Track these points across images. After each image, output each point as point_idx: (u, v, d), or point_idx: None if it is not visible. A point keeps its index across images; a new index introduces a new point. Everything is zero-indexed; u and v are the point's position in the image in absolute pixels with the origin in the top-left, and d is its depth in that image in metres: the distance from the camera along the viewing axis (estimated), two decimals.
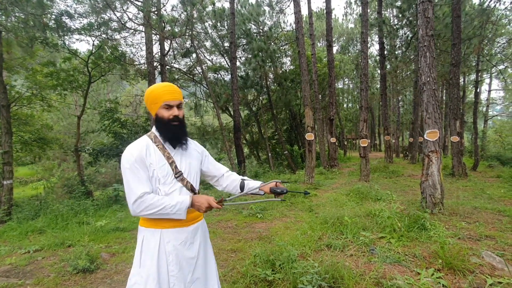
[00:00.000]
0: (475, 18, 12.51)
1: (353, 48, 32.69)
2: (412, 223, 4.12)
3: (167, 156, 1.52)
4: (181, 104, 1.57)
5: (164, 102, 1.50)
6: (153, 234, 1.49)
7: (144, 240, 1.50)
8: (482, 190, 7.47)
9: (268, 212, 5.63)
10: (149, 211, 1.41)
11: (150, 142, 1.53)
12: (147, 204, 1.40)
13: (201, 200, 1.48)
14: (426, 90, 5.31)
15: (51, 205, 6.71)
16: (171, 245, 1.49)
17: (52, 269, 3.40)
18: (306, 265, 2.84)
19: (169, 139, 1.54)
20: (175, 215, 1.44)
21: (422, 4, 5.42)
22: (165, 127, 1.52)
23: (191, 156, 1.65)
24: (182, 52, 13.85)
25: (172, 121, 1.51)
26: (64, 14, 9.73)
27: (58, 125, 21.46)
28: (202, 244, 1.63)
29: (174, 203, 1.43)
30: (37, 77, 11.33)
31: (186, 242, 1.54)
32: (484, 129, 23.88)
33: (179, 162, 1.56)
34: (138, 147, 1.48)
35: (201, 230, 1.65)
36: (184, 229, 1.54)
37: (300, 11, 9.67)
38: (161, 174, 1.48)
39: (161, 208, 1.41)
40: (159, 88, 1.53)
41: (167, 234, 1.49)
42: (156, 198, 1.42)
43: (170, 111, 1.51)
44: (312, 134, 9.11)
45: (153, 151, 1.50)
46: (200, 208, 1.47)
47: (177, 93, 1.54)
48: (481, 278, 2.73)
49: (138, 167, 1.43)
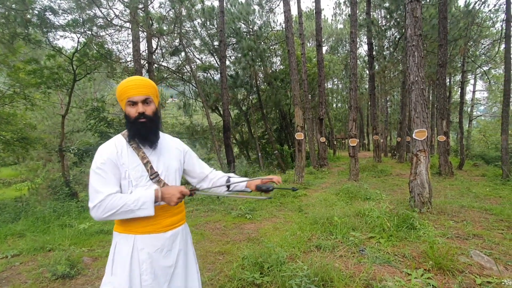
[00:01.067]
0: (461, 19, 12.76)
1: (343, 48, 32.97)
2: (401, 222, 4.11)
3: (141, 156, 1.41)
4: (149, 99, 1.42)
5: (127, 99, 1.38)
6: (127, 240, 1.38)
7: (116, 247, 1.39)
8: (468, 188, 7.58)
9: (258, 213, 5.56)
10: (110, 211, 1.28)
11: (123, 142, 1.42)
12: (107, 204, 1.28)
13: (170, 191, 1.36)
14: (415, 90, 5.32)
15: (32, 207, 6.46)
16: (145, 253, 1.37)
17: (29, 275, 3.24)
18: (295, 267, 2.78)
19: (135, 137, 1.41)
20: (141, 211, 1.31)
21: (411, 3, 5.44)
22: (131, 125, 1.40)
23: (171, 155, 1.53)
24: (171, 51, 13.62)
25: (137, 118, 1.38)
26: (47, 9, 9.43)
27: (43, 124, 20.86)
28: (182, 251, 1.51)
29: (136, 197, 1.31)
30: (20, 74, 10.95)
31: (163, 249, 1.42)
32: (469, 128, 24.45)
33: (156, 162, 1.44)
34: (109, 147, 1.38)
35: (182, 236, 1.53)
36: (160, 235, 1.42)
37: (289, 10, 9.63)
38: (134, 175, 1.37)
39: (123, 205, 1.29)
40: (124, 84, 1.41)
41: (142, 241, 1.38)
42: (117, 196, 1.30)
43: (135, 108, 1.39)
44: (301, 134, 9.08)
45: (126, 151, 1.40)
46: (170, 199, 1.34)
47: (142, 87, 1.40)
48: (470, 278, 2.72)
49: (107, 169, 1.33)
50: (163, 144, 1.52)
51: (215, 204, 6.41)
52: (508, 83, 9.43)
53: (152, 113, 1.43)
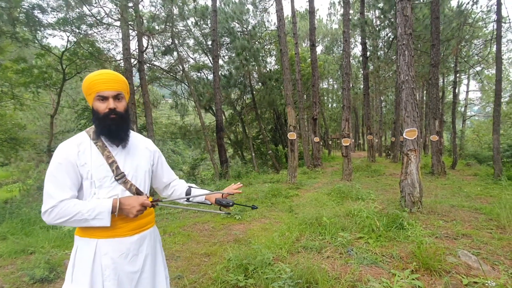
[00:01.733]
0: (453, 20, 12.82)
1: (337, 48, 33.03)
2: (391, 222, 4.07)
3: (106, 156, 1.32)
4: (121, 95, 1.34)
5: (97, 93, 1.30)
6: (88, 244, 1.29)
7: (77, 252, 1.31)
8: (459, 188, 7.58)
9: (247, 213, 5.48)
10: (62, 218, 1.21)
11: (86, 139, 1.33)
12: (59, 211, 1.20)
13: (131, 202, 1.27)
14: (405, 89, 5.29)
15: (18, 209, 6.32)
16: (108, 258, 1.29)
17: (7, 279, 3.13)
18: (280, 269, 2.71)
19: (104, 135, 1.33)
20: (96, 221, 1.23)
21: (401, 2, 5.41)
22: (100, 122, 1.31)
23: (140, 155, 1.45)
24: (162, 50, 13.49)
25: (107, 114, 1.30)
26: (35, 7, 9.26)
27: (34, 124, 20.58)
28: (150, 256, 1.42)
29: (92, 206, 1.23)
30: (8, 74, 10.76)
31: (128, 254, 1.33)
32: (463, 128, 24.64)
33: (123, 162, 1.36)
34: (68, 146, 1.28)
35: (149, 240, 1.44)
36: (125, 239, 1.33)
37: (282, 9, 9.58)
38: (97, 176, 1.28)
39: (76, 213, 1.21)
40: (93, 77, 1.31)
41: (104, 245, 1.29)
42: (72, 203, 1.22)
43: (105, 104, 1.30)
44: (294, 134, 9.03)
45: (88, 150, 1.30)
46: (130, 212, 1.26)
47: (113, 82, 1.31)
48: (457, 278, 2.67)
49: (63, 170, 1.24)
50: (133, 143, 1.44)
51: (204, 205, 6.31)
52: (499, 83, 9.47)
53: (124, 110, 1.35)
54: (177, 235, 4.36)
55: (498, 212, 4.54)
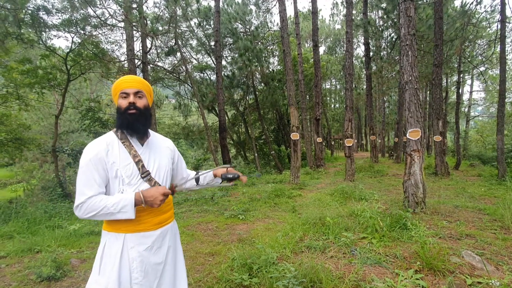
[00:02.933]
0: (457, 20, 12.76)
1: (340, 49, 32.97)
2: (394, 222, 4.08)
3: (133, 154, 1.41)
4: (142, 93, 1.45)
5: (120, 91, 1.42)
6: (116, 238, 1.38)
7: (106, 245, 1.40)
8: (463, 188, 7.56)
9: (251, 213, 5.51)
10: (91, 213, 1.30)
11: (114, 139, 1.42)
12: (88, 206, 1.30)
13: (153, 193, 1.35)
14: (408, 89, 5.30)
15: (23, 209, 6.39)
16: (135, 251, 1.38)
17: (14, 277, 3.17)
18: (284, 268, 2.73)
19: (123, 128, 1.42)
20: (121, 214, 1.32)
21: (404, 3, 5.41)
22: (121, 116, 1.42)
23: (162, 154, 1.55)
24: (166, 51, 13.55)
25: (127, 109, 1.40)
26: (41, 9, 9.35)
27: (38, 125, 20.74)
28: (171, 248, 1.54)
29: (116, 200, 1.31)
30: (13, 74, 10.86)
31: (153, 247, 1.43)
32: (466, 129, 24.50)
33: (147, 161, 1.45)
34: (97, 145, 1.37)
35: (171, 233, 1.55)
36: (150, 233, 1.43)
37: (285, 10, 9.60)
38: (126, 174, 1.38)
39: (102, 208, 1.30)
40: (119, 80, 1.47)
41: (131, 239, 1.39)
42: (98, 198, 1.31)
43: (126, 100, 1.42)
44: (297, 134, 9.04)
45: (116, 149, 1.40)
46: (153, 202, 1.34)
47: (135, 82, 1.44)
48: (460, 279, 2.68)
49: (93, 168, 1.33)
50: (154, 142, 1.54)
51: (208, 205, 6.36)
52: (504, 83, 9.43)
53: (143, 106, 1.45)
54: (181, 234, 4.34)
55: (502, 212, 4.52)
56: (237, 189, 8.45)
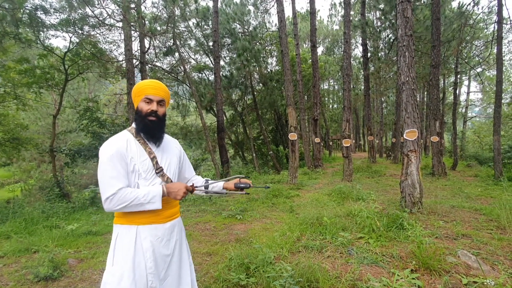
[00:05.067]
0: (454, 21, 12.84)
1: (338, 49, 33.05)
2: (391, 222, 4.10)
3: (148, 151, 1.51)
4: (163, 102, 1.56)
5: (145, 96, 1.51)
6: (129, 230, 1.45)
7: (118, 237, 1.46)
8: (460, 189, 7.60)
9: (248, 213, 5.52)
10: (122, 204, 1.37)
11: (131, 137, 1.51)
12: (119, 198, 1.37)
13: (177, 186, 1.48)
14: (405, 90, 5.33)
15: (20, 209, 6.37)
16: (148, 241, 1.46)
17: (11, 277, 3.17)
18: (281, 268, 2.74)
19: (143, 132, 1.52)
20: (150, 205, 1.41)
21: (402, 4, 5.44)
22: (141, 120, 1.51)
23: (172, 152, 1.66)
24: (164, 51, 13.54)
25: (149, 115, 1.50)
26: (38, 8, 9.33)
27: (36, 124, 20.66)
28: (178, 241, 1.62)
29: (146, 191, 1.41)
30: (11, 74, 10.82)
31: (163, 239, 1.52)
32: (463, 129, 24.61)
33: (160, 158, 1.56)
34: (118, 141, 1.46)
35: (178, 227, 1.65)
36: (161, 226, 1.52)
37: (283, 11, 9.63)
38: (142, 168, 1.47)
39: (134, 199, 1.38)
40: (145, 83, 1.54)
41: (144, 230, 1.46)
42: (128, 190, 1.39)
43: (149, 105, 1.51)
44: (295, 134, 9.06)
45: (134, 146, 1.49)
46: (177, 194, 1.46)
47: (161, 90, 1.54)
48: (456, 278, 2.70)
49: (117, 162, 1.41)
50: (165, 142, 1.64)
51: (206, 205, 6.36)
52: (500, 84, 9.50)
53: (163, 115, 1.57)
54: None
55: (498, 213, 4.56)
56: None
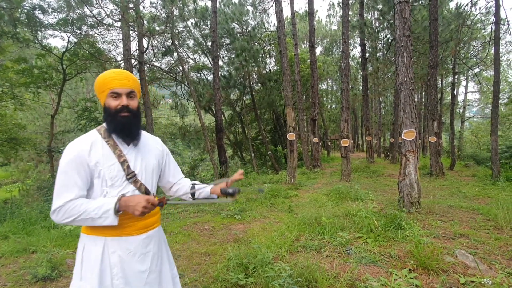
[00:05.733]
0: (452, 21, 12.89)
1: (337, 50, 33.10)
2: (389, 222, 4.11)
3: (118, 154, 1.32)
4: (133, 93, 1.36)
5: (110, 90, 1.31)
6: (96, 242, 1.30)
7: (84, 249, 1.31)
8: (458, 189, 7.64)
9: (247, 213, 5.52)
10: (70, 218, 1.21)
11: (98, 138, 1.33)
12: (66, 211, 1.21)
13: (136, 199, 1.24)
14: (403, 90, 5.35)
15: (18, 209, 6.34)
16: (116, 256, 1.29)
17: (9, 277, 3.16)
18: (280, 268, 2.75)
19: (116, 132, 1.34)
20: (102, 220, 1.22)
21: (400, 4, 5.46)
22: (112, 119, 1.32)
23: (150, 154, 1.46)
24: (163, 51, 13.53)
25: (119, 111, 1.31)
26: (36, 8, 9.30)
27: (34, 124, 20.59)
28: (156, 255, 1.43)
29: (98, 205, 1.22)
30: (8, 74, 10.78)
31: (136, 253, 1.34)
32: (461, 130, 24.71)
33: (133, 161, 1.36)
34: (79, 144, 1.28)
35: (156, 239, 1.45)
36: (133, 238, 1.34)
37: (281, 11, 9.64)
38: (109, 175, 1.29)
39: (83, 212, 1.21)
40: (108, 74, 1.34)
41: (112, 243, 1.30)
42: (78, 202, 1.22)
43: (117, 101, 1.32)
44: (293, 134, 9.07)
45: (100, 148, 1.30)
46: (135, 209, 1.23)
47: (127, 80, 1.34)
48: (454, 277, 2.72)
49: (73, 169, 1.24)
50: (143, 141, 1.45)
51: (205, 205, 6.36)
52: (497, 84, 9.54)
53: (136, 108, 1.37)
54: (177, 234, 4.39)
55: (496, 212, 4.58)
56: None
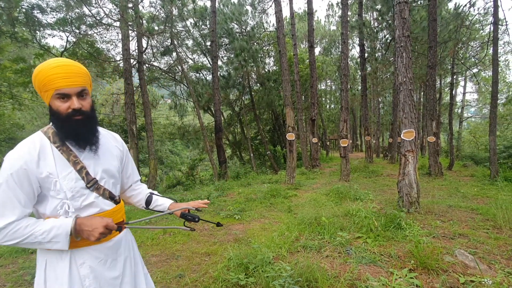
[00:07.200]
0: (451, 22, 12.93)
1: (336, 50, 33.16)
2: (389, 222, 4.12)
3: (73, 161, 1.14)
4: (85, 91, 1.15)
5: (56, 91, 1.09)
6: (61, 256, 1.15)
7: (47, 266, 1.16)
8: (456, 189, 7.66)
9: (247, 213, 5.53)
10: (13, 241, 1.06)
11: (46, 143, 1.14)
12: (8, 233, 1.05)
13: (93, 223, 1.11)
14: (403, 90, 5.36)
15: None
16: (86, 267, 1.18)
17: (9, 278, 3.15)
18: (280, 268, 2.75)
19: (69, 139, 1.15)
20: (51, 245, 1.08)
21: (399, 5, 5.47)
22: (63, 124, 1.13)
23: (110, 155, 1.30)
24: (162, 51, 13.51)
25: (71, 115, 1.11)
26: (35, 7, 9.26)
27: (32, 124, 20.51)
28: (128, 259, 1.35)
29: (47, 228, 1.07)
30: (7, 73, 10.74)
31: (107, 260, 1.24)
32: (459, 130, 24.79)
33: (92, 166, 1.20)
34: (23, 153, 1.08)
35: (125, 242, 1.35)
36: (101, 246, 1.22)
37: (281, 11, 9.64)
38: (67, 186, 1.12)
39: (28, 236, 1.06)
40: (49, 70, 1.09)
41: (80, 254, 1.18)
42: (23, 224, 1.06)
43: (67, 103, 1.11)
44: (293, 134, 9.08)
45: (51, 156, 1.12)
46: (91, 234, 1.10)
47: (75, 77, 1.11)
48: (454, 277, 2.72)
49: (15, 185, 1.06)
50: (101, 141, 1.27)
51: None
52: (496, 84, 9.57)
53: (90, 109, 1.18)
54: (177, 234, 4.39)
55: (495, 212, 4.60)
56: (233, 190, 8.46)
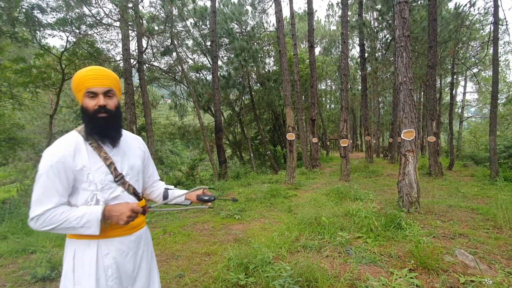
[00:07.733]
0: (451, 22, 12.92)
1: (336, 50, 33.15)
2: (389, 222, 4.12)
3: (104, 157, 1.28)
4: (112, 92, 1.30)
5: (86, 90, 1.25)
6: (88, 245, 1.27)
7: (76, 254, 1.27)
8: (456, 188, 7.65)
9: (247, 213, 5.52)
10: (50, 226, 1.17)
11: (80, 140, 1.27)
12: (46, 220, 1.17)
13: (120, 208, 1.23)
14: (403, 90, 5.35)
15: (17, 209, 6.32)
16: (110, 258, 1.29)
17: (9, 278, 3.15)
18: (280, 268, 2.75)
19: (95, 134, 1.28)
20: (84, 230, 1.20)
21: (399, 4, 5.47)
22: (90, 120, 1.26)
23: (134, 154, 1.44)
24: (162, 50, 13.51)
25: (97, 112, 1.25)
26: (35, 7, 9.26)
27: (32, 124, 20.52)
28: (145, 253, 1.46)
29: (80, 214, 1.19)
30: (7, 73, 10.73)
31: (128, 253, 1.35)
32: (460, 130, 24.78)
33: (120, 163, 1.33)
34: (61, 149, 1.21)
35: (145, 238, 1.47)
36: (125, 238, 1.34)
37: (281, 11, 9.64)
38: (98, 178, 1.25)
39: (63, 221, 1.18)
40: (84, 73, 1.26)
41: (106, 245, 1.29)
42: (59, 211, 1.18)
43: (94, 100, 1.26)
44: (293, 134, 9.08)
45: (84, 151, 1.26)
46: (119, 218, 1.22)
47: (104, 78, 1.27)
48: (454, 277, 2.72)
49: (53, 175, 1.18)
50: (126, 142, 1.42)
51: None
52: (496, 84, 9.56)
53: (115, 108, 1.31)
54: (177, 234, 4.39)
55: (495, 212, 4.60)
56: (233, 190, 8.46)
